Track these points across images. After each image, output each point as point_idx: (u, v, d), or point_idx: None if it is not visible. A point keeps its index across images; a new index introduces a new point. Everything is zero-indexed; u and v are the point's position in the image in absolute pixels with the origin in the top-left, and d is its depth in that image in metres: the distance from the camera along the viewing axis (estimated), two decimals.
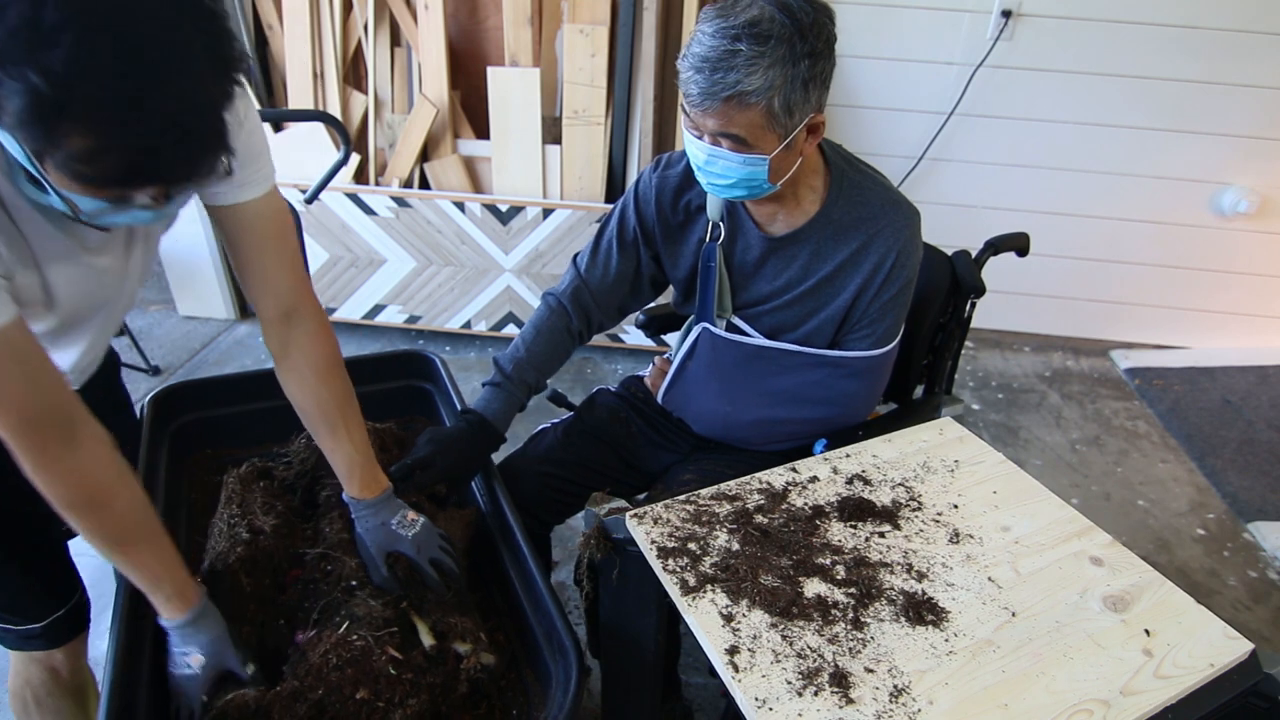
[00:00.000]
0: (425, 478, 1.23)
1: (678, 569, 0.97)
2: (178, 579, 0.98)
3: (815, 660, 0.86)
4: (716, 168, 1.12)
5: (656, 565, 0.98)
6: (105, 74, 0.62)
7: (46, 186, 0.72)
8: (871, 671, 0.85)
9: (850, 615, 0.92)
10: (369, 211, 2.76)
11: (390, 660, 0.98)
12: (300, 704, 0.94)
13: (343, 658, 0.96)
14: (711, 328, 1.33)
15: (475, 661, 1.05)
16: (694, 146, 1.13)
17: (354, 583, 1.09)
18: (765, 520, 1.05)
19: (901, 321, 1.30)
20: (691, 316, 1.41)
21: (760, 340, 1.31)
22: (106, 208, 0.74)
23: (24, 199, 0.81)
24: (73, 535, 1.31)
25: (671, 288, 1.45)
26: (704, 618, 0.90)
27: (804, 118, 1.08)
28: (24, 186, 0.78)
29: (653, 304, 1.58)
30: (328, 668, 0.96)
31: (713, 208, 1.28)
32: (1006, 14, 2.65)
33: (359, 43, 2.78)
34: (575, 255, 1.42)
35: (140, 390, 2.75)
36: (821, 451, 1.24)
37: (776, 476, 1.14)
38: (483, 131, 2.77)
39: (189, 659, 0.99)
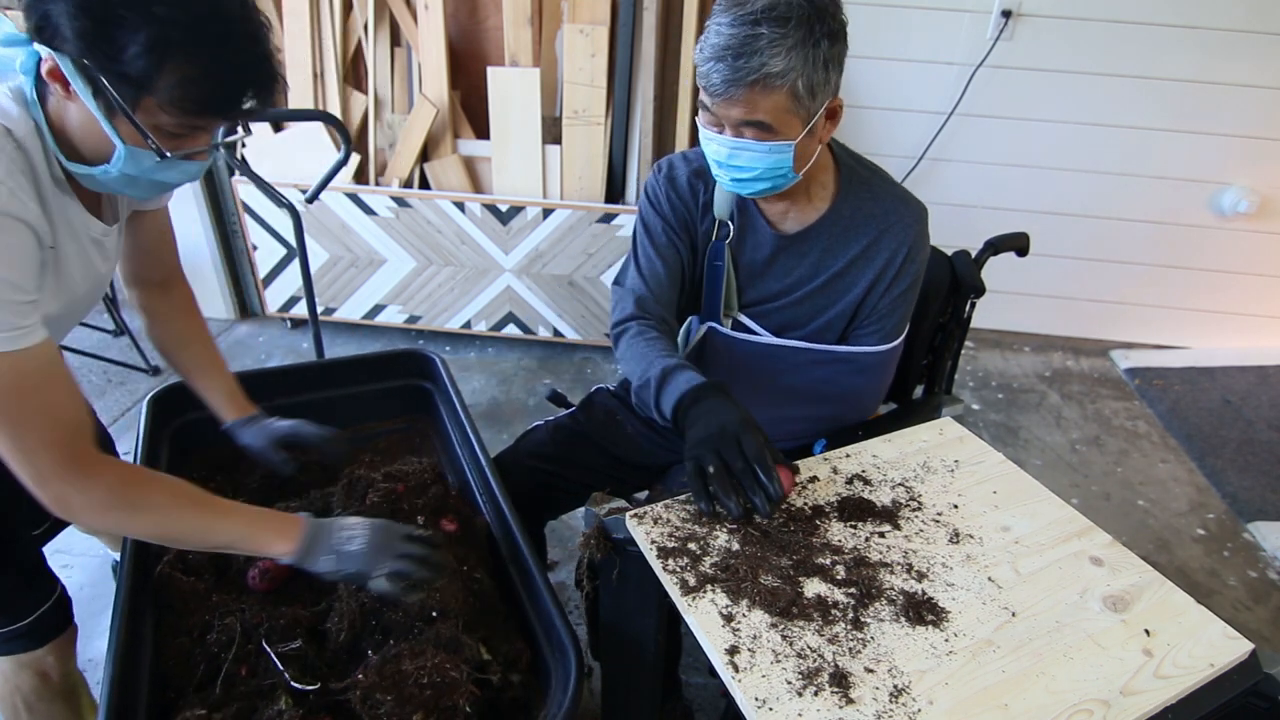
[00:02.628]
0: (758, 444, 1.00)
1: (678, 569, 0.97)
2: (267, 521, 1.01)
3: (815, 660, 0.86)
4: (740, 160, 1.11)
5: (656, 565, 0.97)
6: (200, 12, 0.81)
7: (116, 142, 0.86)
8: (871, 671, 0.85)
9: (850, 615, 0.92)
10: (369, 211, 2.76)
11: (469, 698, 0.97)
12: (367, 699, 0.94)
13: (433, 680, 0.95)
14: (719, 326, 1.33)
15: (513, 695, 1.06)
16: (715, 143, 1.12)
17: (434, 613, 1.07)
18: (765, 520, 1.05)
19: (909, 317, 1.30)
20: (694, 316, 1.40)
21: (769, 338, 1.31)
22: (166, 162, 0.90)
23: (54, 184, 0.92)
24: (44, 541, 1.30)
25: None
26: (704, 618, 0.90)
27: (825, 100, 1.08)
28: (68, 166, 0.91)
29: None
30: (411, 681, 0.95)
31: (720, 206, 1.27)
32: (1006, 14, 2.65)
33: (359, 43, 2.78)
34: (614, 282, 1.34)
35: (140, 390, 2.75)
36: (821, 451, 1.24)
37: None
38: (483, 131, 2.77)
39: (349, 543, 1.02)
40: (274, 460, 1.31)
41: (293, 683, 0.98)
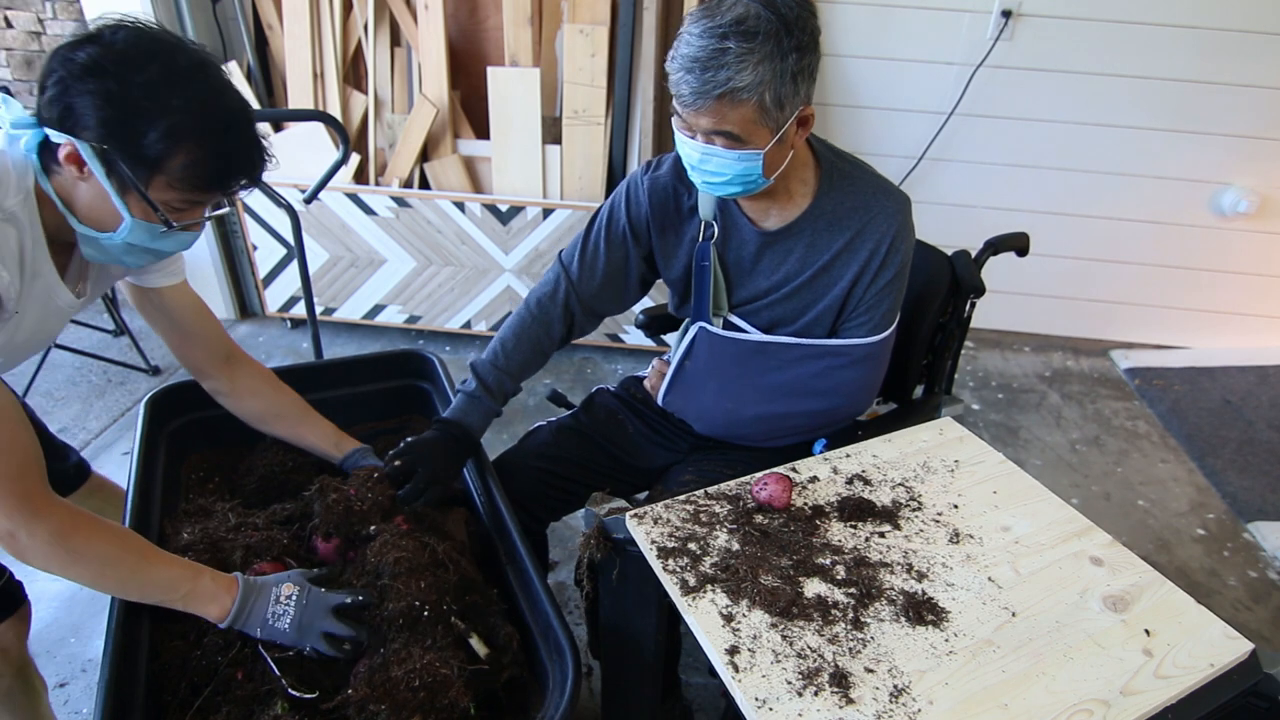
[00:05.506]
0: (411, 492, 1.23)
1: (678, 569, 0.97)
2: (204, 583, 1.03)
3: (815, 660, 0.86)
4: (711, 165, 1.13)
5: (656, 565, 0.97)
6: (209, 106, 0.94)
7: (125, 215, 0.97)
8: (871, 671, 0.85)
9: (850, 615, 0.92)
10: (369, 211, 2.76)
11: (461, 695, 0.97)
12: (362, 711, 0.94)
13: (425, 681, 0.95)
14: (709, 326, 1.33)
15: (509, 675, 1.06)
16: (687, 147, 1.14)
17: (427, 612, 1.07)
18: (765, 520, 1.05)
19: (898, 307, 1.30)
20: (688, 318, 1.40)
21: (758, 335, 1.31)
22: (168, 233, 1.01)
23: (35, 255, 1.00)
24: None
25: (669, 290, 1.45)
26: (704, 618, 0.90)
27: (794, 111, 1.09)
28: (78, 227, 1.00)
29: (653, 304, 1.58)
30: (403, 687, 0.95)
31: (705, 207, 1.28)
32: (1006, 14, 2.65)
33: (359, 43, 2.78)
34: (560, 253, 1.42)
35: (140, 390, 2.75)
36: (821, 451, 1.24)
37: None
38: (483, 131, 2.77)
39: (278, 620, 1.03)
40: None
41: (290, 690, 0.98)
